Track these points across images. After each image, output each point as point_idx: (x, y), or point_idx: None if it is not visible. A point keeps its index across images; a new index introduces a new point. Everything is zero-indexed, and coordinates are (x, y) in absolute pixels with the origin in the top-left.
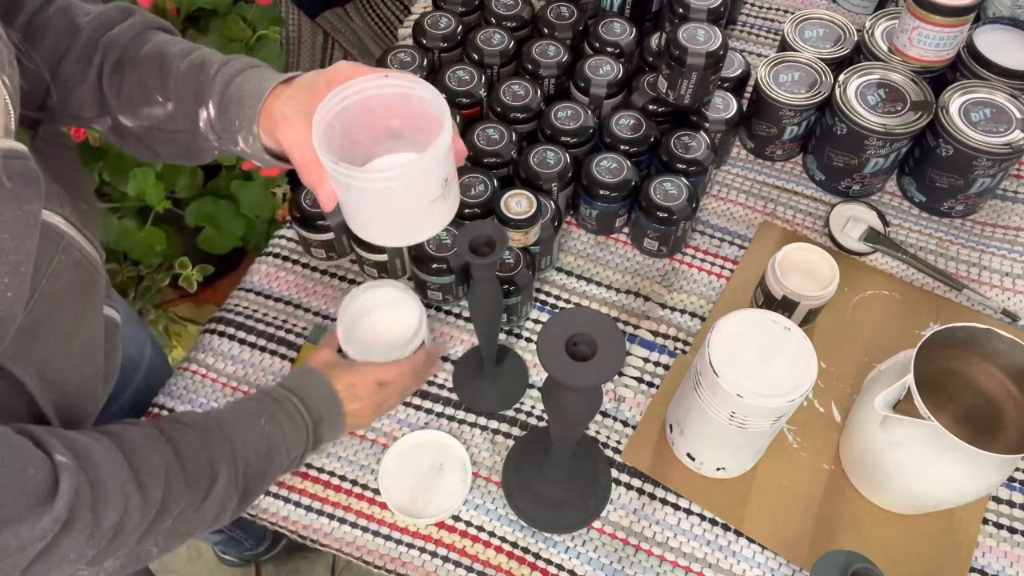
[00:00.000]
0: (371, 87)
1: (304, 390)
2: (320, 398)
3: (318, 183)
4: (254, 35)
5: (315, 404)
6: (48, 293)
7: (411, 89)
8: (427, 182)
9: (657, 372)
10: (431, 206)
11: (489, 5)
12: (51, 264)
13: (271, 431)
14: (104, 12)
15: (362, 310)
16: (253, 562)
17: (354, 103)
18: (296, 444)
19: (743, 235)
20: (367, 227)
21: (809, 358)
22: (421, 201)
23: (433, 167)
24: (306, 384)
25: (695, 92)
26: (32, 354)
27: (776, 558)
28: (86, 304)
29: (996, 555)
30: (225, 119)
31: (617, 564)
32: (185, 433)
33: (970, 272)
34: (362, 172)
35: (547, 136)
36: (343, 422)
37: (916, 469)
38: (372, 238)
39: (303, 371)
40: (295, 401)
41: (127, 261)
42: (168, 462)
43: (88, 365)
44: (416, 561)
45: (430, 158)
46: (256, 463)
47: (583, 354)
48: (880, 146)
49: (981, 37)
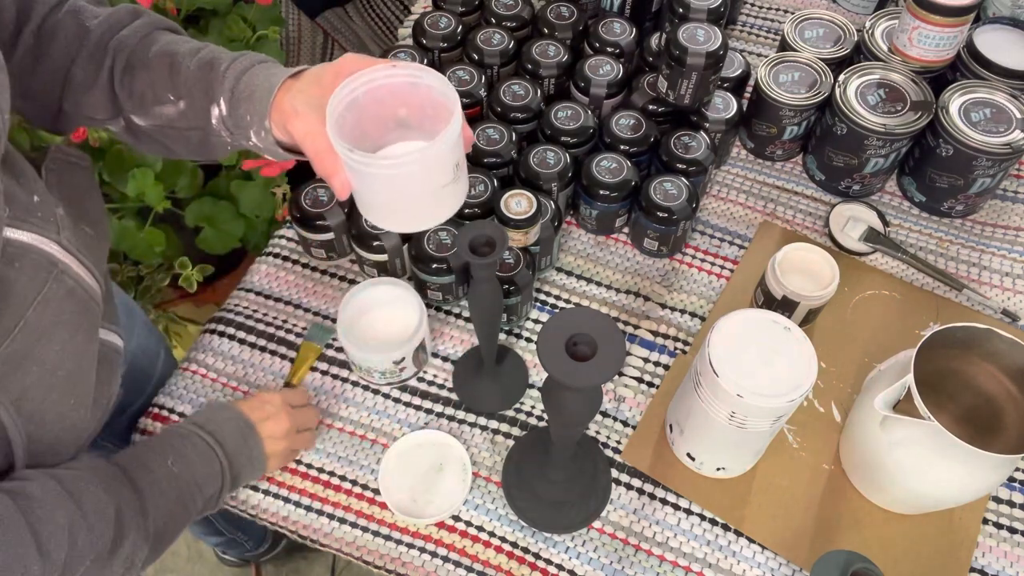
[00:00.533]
0: (380, 77)
1: (214, 423)
2: (232, 429)
3: (332, 173)
4: (254, 35)
5: (227, 435)
6: (34, 323)
7: (419, 78)
8: (440, 166)
9: (657, 372)
10: (443, 190)
11: (489, 5)
12: (40, 292)
13: (179, 471)
14: (113, 14)
15: (362, 307)
16: (253, 562)
17: (364, 93)
18: (209, 481)
19: (743, 235)
20: (382, 214)
21: (809, 358)
22: (434, 185)
23: (445, 152)
24: (216, 417)
25: (695, 92)
26: (9, 385)
27: (776, 558)
28: (75, 334)
29: (996, 555)
30: (236, 115)
31: (617, 564)
32: (88, 484)
33: (970, 272)
34: (378, 158)
35: (547, 136)
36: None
37: (916, 469)
38: (387, 225)
39: (212, 406)
40: (203, 435)
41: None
42: (72, 519)
43: (71, 396)
44: (416, 561)
45: (443, 142)
46: (165, 506)
47: (583, 354)
48: (880, 146)
49: (981, 37)
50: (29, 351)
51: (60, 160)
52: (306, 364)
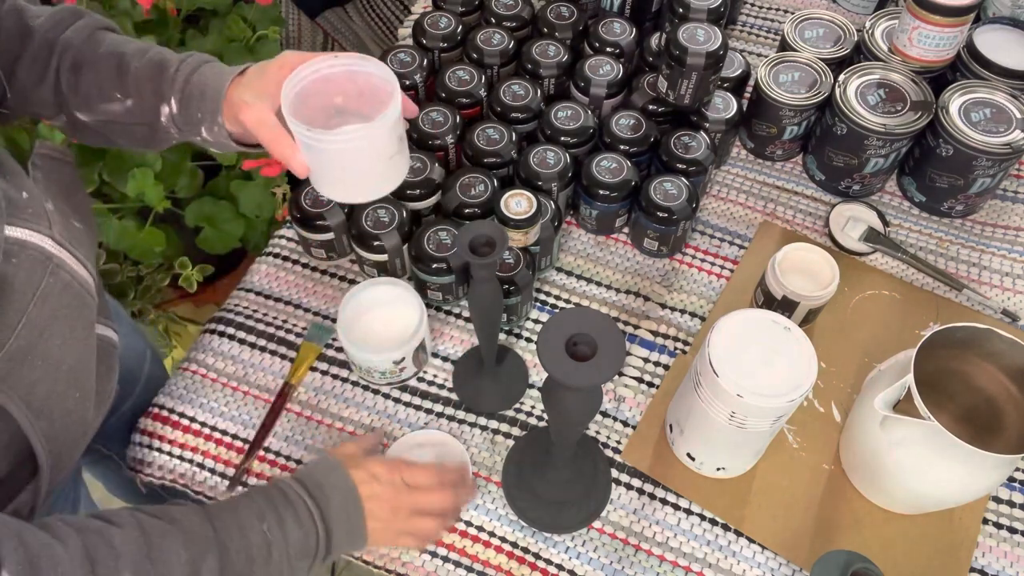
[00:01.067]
0: (323, 67)
1: (321, 491)
2: (339, 501)
3: (291, 154)
4: (254, 35)
5: (332, 511)
6: (36, 318)
7: (359, 66)
8: (388, 138)
9: (657, 372)
10: (391, 161)
11: (489, 5)
12: (39, 288)
13: (273, 538)
14: (56, 14)
15: (362, 307)
16: None
17: (310, 83)
18: (303, 555)
19: (743, 235)
20: (338, 187)
21: (809, 358)
22: (383, 156)
23: (390, 125)
24: (326, 484)
25: (695, 92)
26: (19, 381)
27: (776, 558)
28: (75, 328)
29: (996, 555)
30: (187, 113)
31: (617, 564)
32: (172, 543)
33: (970, 272)
34: (334, 133)
35: (547, 136)
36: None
37: (916, 469)
38: (343, 197)
39: (326, 467)
40: (307, 501)
41: (127, 261)
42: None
43: (76, 390)
44: (416, 561)
45: (388, 116)
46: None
47: (583, 354)
48: (880, 146)
49: (981, 37)
50: (33, 346)
51: (46, 156)
52: (306, 364)
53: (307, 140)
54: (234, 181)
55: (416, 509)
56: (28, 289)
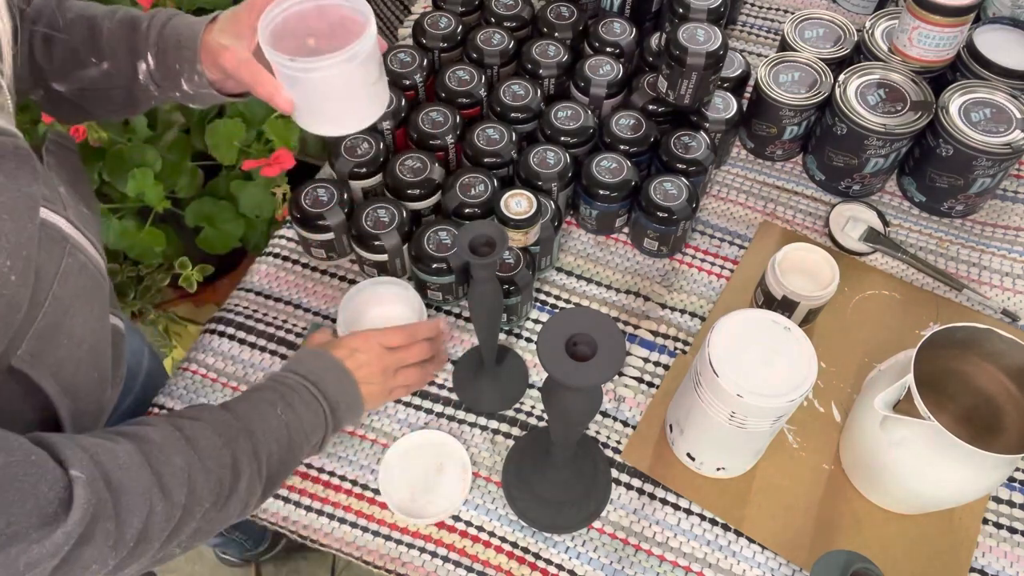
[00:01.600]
0: (294, 4)
1: (316, 374)
2: (334, 380)
3: (275, 90)
4: None
5: (330, 388)
6: (59, 296)
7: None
8: (369, 63)
9: (657, 372)
10: (374, 87)
11: (489, 5)
12: (59, 267)
13: (288, 419)
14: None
15: (362, 307)
16: (253, 562)
17: (283, 21)
18: (315, 430)
19: (743, 235)
20: (325, 119)
21: (809, 358)
22: (366, 82)
23: (370, 49)
24: (316, 367)
25: (695, 92)
26: (48, 358)
27: (776, 558)
28: (93, 308)
29: (996, 555)
30: (165, 66)
31: (617, 564)
32: (204, 430)
33: (970, 272)
34: (316, 60)
35: (547, 136)
36: (360, 401)
37: (916, 469)
38: (330, 129)
39: (312, 355)
40: (308, 386)
41: (127, 261)
42: (190, 463)
43: (95, 370)
44: (416, 561)
45: (369, 37)
46: (278, 452)
47: (583, 354)
48: (880, 146)
49: (981, 37)
50: (59, 324)
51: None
52: None
53: (290, 72)
54: (234, 181)
55: (400, 366)
56: (50, 267)
